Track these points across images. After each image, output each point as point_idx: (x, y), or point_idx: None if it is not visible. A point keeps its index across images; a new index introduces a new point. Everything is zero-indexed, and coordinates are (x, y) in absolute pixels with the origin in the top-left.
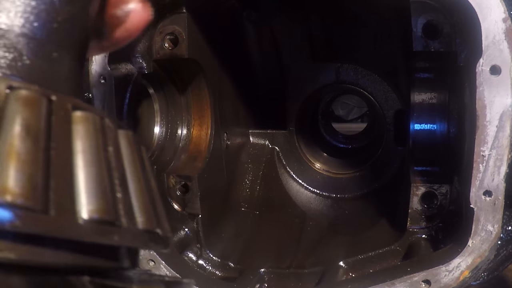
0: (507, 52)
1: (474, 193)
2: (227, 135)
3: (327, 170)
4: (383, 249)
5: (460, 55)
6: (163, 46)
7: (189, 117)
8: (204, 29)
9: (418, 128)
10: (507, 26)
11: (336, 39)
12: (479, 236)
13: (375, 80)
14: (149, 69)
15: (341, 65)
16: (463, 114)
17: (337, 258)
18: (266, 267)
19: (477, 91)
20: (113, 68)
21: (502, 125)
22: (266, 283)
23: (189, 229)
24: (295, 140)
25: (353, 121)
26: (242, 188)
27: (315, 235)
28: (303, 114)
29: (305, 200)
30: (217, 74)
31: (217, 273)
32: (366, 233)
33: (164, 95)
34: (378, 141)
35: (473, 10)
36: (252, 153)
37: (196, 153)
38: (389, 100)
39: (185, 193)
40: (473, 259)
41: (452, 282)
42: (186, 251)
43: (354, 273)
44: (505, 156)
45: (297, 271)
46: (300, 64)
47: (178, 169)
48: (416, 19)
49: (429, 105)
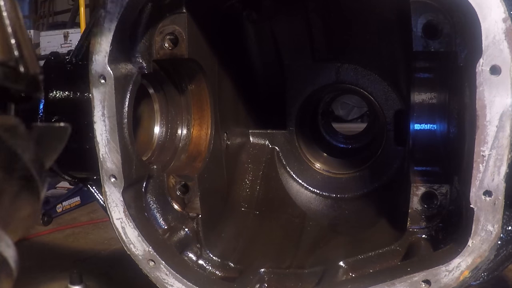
0: (507, 52)
1: (474, 193)
2: (227, 135)
3: (327, 170)
4: (383, 249)
5: (460, 55)
6: (163, 46)
7: (189, 117)
8: (204, 29)
9: (418, 128)
10: (507, 26)
11: (336, 39)
12: (479, 236)
13: (375, 80)
14: (149, 69)
15: (341, 65)
16: (463, 114)
17: (337, 258)
18: (266, 267)
19: (477, 91)
20: (113, 68)
21: (502, 125)
22: (266, 283)
23: (189, 229)
24: (295, 140)
25: (353, 121)
26: (242, 188)
27: (315, 235)
28: (303, 114)
29: (305, 200)
30: (217, 74)
31: (217, 273)
32: (366, 233)
33: (164, 95)
34: (378, 141)
35: (473, 10)
36: (252, 153)
37: (196, 153)
38: (389, 100)
39: (185, 193)
40: (473, 259)
41: (452, 282)
42: (186, 251)
43: (354, 273)
44: (505, 156)
45: (297, 271)
46: (300, 64)
47: (178, 169)
48: (416, 19)
49: (429, 105)
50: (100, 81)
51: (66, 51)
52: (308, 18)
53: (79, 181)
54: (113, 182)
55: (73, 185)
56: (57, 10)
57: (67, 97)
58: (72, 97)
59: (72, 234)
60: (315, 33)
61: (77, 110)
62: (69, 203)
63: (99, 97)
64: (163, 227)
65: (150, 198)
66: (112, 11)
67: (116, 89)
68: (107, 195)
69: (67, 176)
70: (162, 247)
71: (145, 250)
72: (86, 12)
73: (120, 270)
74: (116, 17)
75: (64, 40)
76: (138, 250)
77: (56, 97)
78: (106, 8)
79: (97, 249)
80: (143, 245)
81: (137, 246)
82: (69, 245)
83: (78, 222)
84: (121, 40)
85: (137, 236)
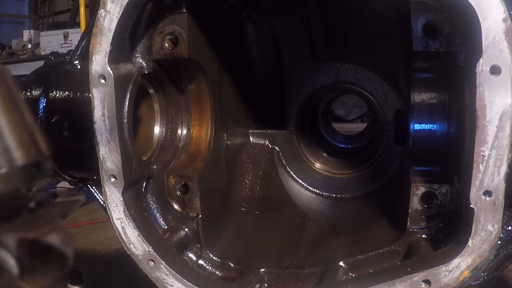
0: (507, 52)
1: (474, 193)
2: (227, 135)
3: (327, 170)
4: (383, 249)
5: (460, 55)
6: (163, 46)
7: (189, 117)
8: (204, 29)
9: (418, 128)
10: (507, 26)
11: (336, 39)
12: (479, 236)
13: (375, 80)
14: (149, 69)
15: (341, 65)
16: (463, 114)
17: (337, 258)
18: (266, 267)
19: (477, 91)
20: (113, 68)
21: (502, 125)
22: (266, 283)
23: (189, 229)
24: (295, 140)
25: (353, 121)
26: (242, 188)
27: (315, 235)
28: (303, 114)
29: (305, 200)
30: (217, 74)
31: (217, 273)
32: (366, 233)
33: (164, 95)
34: (378, 141)
35: (473, 10)
36: (252, 153)
37: (196, 153)
38: (389, 100)
39: (185, 193)
40: (473, 259)
41: (452, 282)
42: (186, 251)
43: (354, 273)
44: (505, 156)
45: (297, 271)
46: (300, 64)
47: (178, 169)
48: (416, 19)
49: (429, 105)
50: (100, 81)
51: (66, 51)
52: (308, 18)
53: (79, 181)
54: (113, 182)
55: (73, 185)
56: (57, 10)
57: (67, 97)
58: (72, 97)
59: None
60: (315, 33)
61: (77, 110)
62: None
63: (99, 97)
64: (163, 227)
65: (150, 198)
66: (112, 11)
67: (116, 89)
68: (107, 195)
69: (67, 176)
70: (162, 247)
71: (145, 250)
72: (86, 12)
73: (120, 270)
74: (116, 17)
75: (64, 40)
76: (138, 250)
77: (56, 97)
78: (106, 8)
79: (97, 249)
80: (143, 245)
81: (137, 246)
82: None
83: (78, 222)
84: (121, 40)
85: (137, 236)
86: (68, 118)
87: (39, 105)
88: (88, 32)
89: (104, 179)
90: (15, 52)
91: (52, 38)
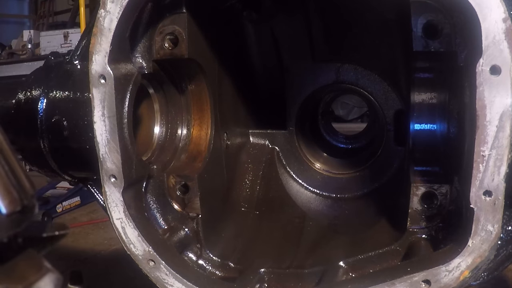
0: (507, 52)
1: (474, 193)
2: (227, 135)
3: (327, 170)
4: (383, 249)
5: (460, 55)
6: (163, 46)
7: (189, 117)
8: (204, 29)
9: (418, 128)
10: (507, 26)
11: (336, 39)
12: (479, 236)
13: (375, 80)
14: (149, 69)
15: (341, 65)
16: (463, 114)
17: (337, 258)
18: (266, 267)
19: (477, 91)
20: (113, 68)
21: (502, 125)
22: (266, 283)
23: (189, 229)
24: (295, 140)
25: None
26: (242, 188)
27: (315, 235)
28: (303, 114)
29: (305, 200)
30: (217, 74)
31: (217, 273)
32: (366, 233)
33: (164, 95)
34: (378, 141)
35: (473, 10)
36: (252, 153)
37: (196, 153)
38: (389, 100)
39: (185, 193)
40: (473, 259)
41: (452, 282)
42: (186, 251)
43: (354, 273)
44: (505, 156)
45: (297, 271)
46: (300, 64)
47: (178, 169)
48: (416, 19)
49: (429, 105)
50: (100, 81)
51: (66, 51)
52: (308, 18)
53: (79, 181)
54: (113, 182)
55: (73, 185)
56: (57, 10)
57: (67, 97)
58: (72, 97)
59: (72, 234)
60: (315, 33)
61: (77, 110)
62: (69, 203)
63: (99, 97)
64: (163, 227)
65: (150, 198)
66: (112, 11)
67: (116, 89)
68: (107, 195)
69: (67, 176)
70: (162, 247)
71: (145, 250)
72: (86, 12)
73: (120, 270)
74: (116, 17)
75: (64, 40)
76: (138, 250)
77: (56, 97)
78: (106, 8)
79: (97, 249)
80: (143, 245)
81: (137, 246)
82: (69, 245)
83: (78, 222)
84: (121, 40)
85: (137, 236)
86: (68, 118)
87: (39, 105)
88: (88, 32)
89: (104, 179)
90: (15, 52)
91: (52, 38)
